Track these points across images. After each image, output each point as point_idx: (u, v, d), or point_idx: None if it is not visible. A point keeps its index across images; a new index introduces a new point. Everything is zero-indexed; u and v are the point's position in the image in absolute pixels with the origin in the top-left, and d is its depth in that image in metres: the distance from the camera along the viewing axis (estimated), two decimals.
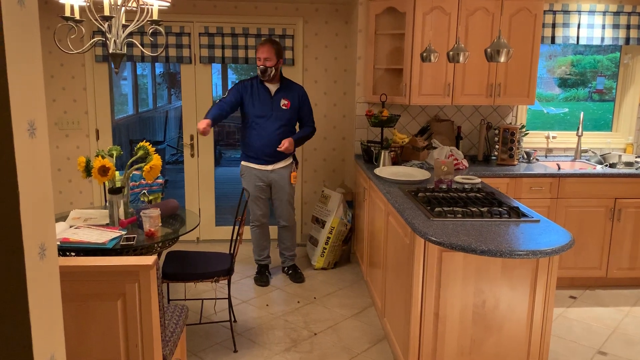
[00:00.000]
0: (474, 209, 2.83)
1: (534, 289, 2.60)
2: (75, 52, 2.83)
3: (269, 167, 4.11)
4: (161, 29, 2.84)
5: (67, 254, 2.81)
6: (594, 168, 4.34)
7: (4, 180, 1.00)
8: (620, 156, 4.55)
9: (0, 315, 1.03)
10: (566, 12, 4.48)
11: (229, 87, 4.12)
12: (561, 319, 3.72)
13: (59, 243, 2.78)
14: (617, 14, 4.48)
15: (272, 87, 4.04)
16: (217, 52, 4.79)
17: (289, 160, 4.16)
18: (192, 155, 5.05)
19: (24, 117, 1.05)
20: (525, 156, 4.49)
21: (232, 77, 10.39)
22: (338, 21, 4.88)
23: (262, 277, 4.29)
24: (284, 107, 4.03)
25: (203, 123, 3.77)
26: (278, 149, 3.93)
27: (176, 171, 7.92)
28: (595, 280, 4.25)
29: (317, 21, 4.86)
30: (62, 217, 3.29)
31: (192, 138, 5.01)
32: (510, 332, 2.64)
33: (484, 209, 2.84)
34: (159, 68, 10.49)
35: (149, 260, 2.10)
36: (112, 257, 2.32)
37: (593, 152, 4.69)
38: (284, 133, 4.03)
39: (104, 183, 3.21)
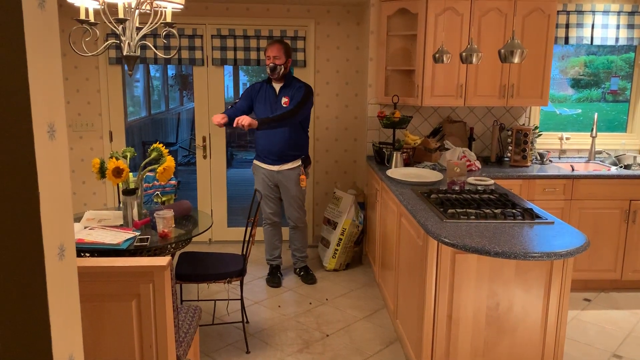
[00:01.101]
0: (487, 211, 2.82)
1: (548, 291, 2.58)
2: (90, 54, 2.85)
3: (275, 168, 4.12)
4: (174, 31, 2.86)
5: (82, 254, 2.83)
6: (608, 169, 4.29)
7: (24, 182, 1.01)
8: (635, 157, 4.50)
9: (20, 315, 1.04)
10: (580, 12, 4.45)
11: (241, 90, 4.15)
12: (575, 322, 3.69)
13: None
14: (631, 14, 4.44)
15: (278, 87, 4.06)
16: (229, 54, 4.82)
17: (297, 163, 4.14)
18: (205, 157, 5.08)
19: (44, 120, 1.06)
20: (538, 157, 4.46)
21: (244, 79, 10.41)
22: (350, 23, 4.88)
23: (274, 278, 4.30)
24: (284, 105, 4.02)
25: (219, 116, 3.82)
26: (235, 121, 3.72)
27: (188, 173, 7.97)
28: (609, 283, 4.21)
29: (329, 23, 4.86)
30: (76, 218, 3.31)
31: (204, 140, 5.04)
32: (524, 334, 2.62)
33: (498, 211, 2.83)
34: (171, 70, 10.55)
35: (163, 261, 2.11)
36: (126, 258, 2.33)
37: (607, 153, 4.65)
38: (289, 132, 4.02)
39: (118, 184, 3.23)
